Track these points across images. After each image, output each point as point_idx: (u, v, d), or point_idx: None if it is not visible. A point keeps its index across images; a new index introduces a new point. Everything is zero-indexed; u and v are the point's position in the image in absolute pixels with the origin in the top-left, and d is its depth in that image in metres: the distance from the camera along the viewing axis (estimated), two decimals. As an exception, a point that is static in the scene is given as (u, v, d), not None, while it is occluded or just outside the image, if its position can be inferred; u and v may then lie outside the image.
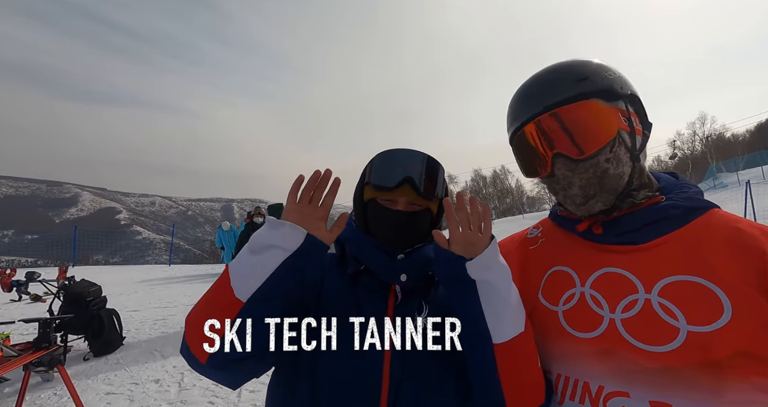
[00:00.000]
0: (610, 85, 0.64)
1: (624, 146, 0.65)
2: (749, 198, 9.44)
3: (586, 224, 0.70)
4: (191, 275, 10.11)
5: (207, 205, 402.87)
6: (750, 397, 0.50)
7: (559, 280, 0.71)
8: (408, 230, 0.79)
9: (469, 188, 57.08)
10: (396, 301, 0.78)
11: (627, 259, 0.64)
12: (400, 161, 0.78)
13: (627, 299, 0.61)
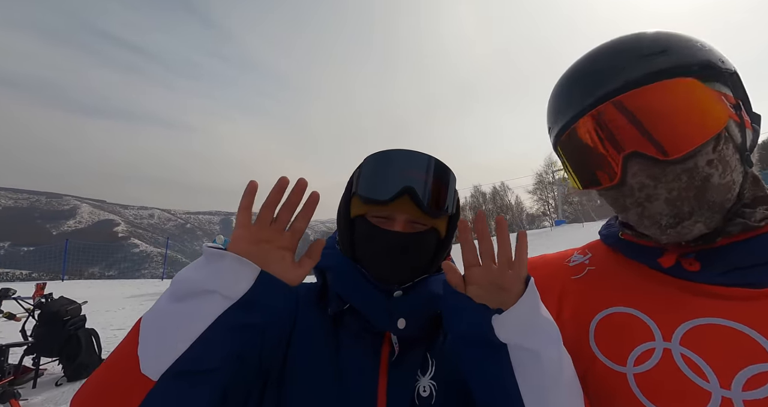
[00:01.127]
0: (706, 59, 0.46)
1: (732, 144, 0.46)
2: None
3: (673, 258, 0.50)
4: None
5: (206, 218, 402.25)
6: None
7: (626, 327, 0.51)
8: (407, 257, 0.59)
9: (469, 204, 56.97)
10: (392, 355, 0.57)
11: (742, 308, 0.44)
12: (397, 165, 0.59)
13: (750, 371, 0.41)
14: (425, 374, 0.58)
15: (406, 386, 0.56)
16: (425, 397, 0.56)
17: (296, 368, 0.56)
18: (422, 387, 0.56)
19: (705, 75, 0.46)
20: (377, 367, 0.56)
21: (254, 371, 0.51)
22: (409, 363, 0.58)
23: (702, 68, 0.46)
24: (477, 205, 57.30)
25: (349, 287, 0.59)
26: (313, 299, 0.64)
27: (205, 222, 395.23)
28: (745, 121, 0.48)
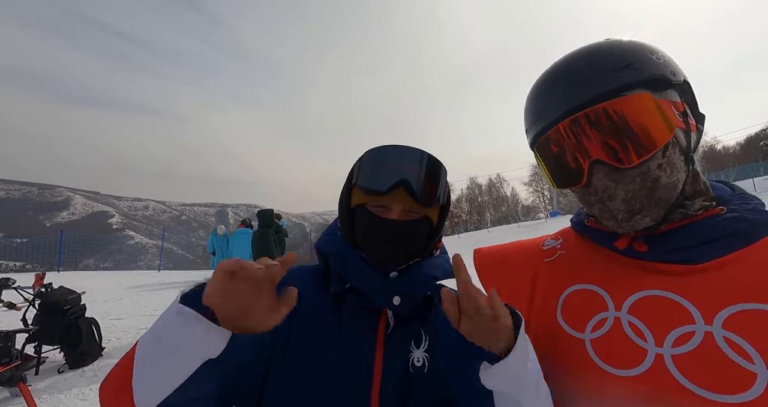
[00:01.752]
0: (660, 73, 0.52)
1: (678, 147, 0.53)
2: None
3: (626, 241, 0.57)
4: (181, 282, 9.85)
5: (201, 210, 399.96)
6: None
7: (586, 301, 0.58)
8: (403, 242, 0.66)
9: (465, 195, 57.17)
10: (387, 328, 0.65)
11: (679, 282, 0.52)
12: (394, 159, 0.65)
13: (679, 331, 0.49)
14: (419, 347, 0.66)
15: (400, 356, 0.64)
16: (419, 366, 0.64)
17: (301, 342, 0.63)
18: (416, 358, 0.65)
19: (658, 87, 0.52)
20: (374, 339, 0.64)
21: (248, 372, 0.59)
22: (402, 336, 0.66)
23: (656, 81, 0.52)
24: (473, 196, 57.53)
25: (351, 269, 0.66)
26: (317, 279, 0.71)
27: (201, 214, 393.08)
28: (691, 125, 0.54)
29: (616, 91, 0.52)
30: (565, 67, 0.57)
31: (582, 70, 0.55)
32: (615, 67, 0.52)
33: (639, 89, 0.52)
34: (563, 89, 0.56)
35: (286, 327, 0.63)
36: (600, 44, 0.57)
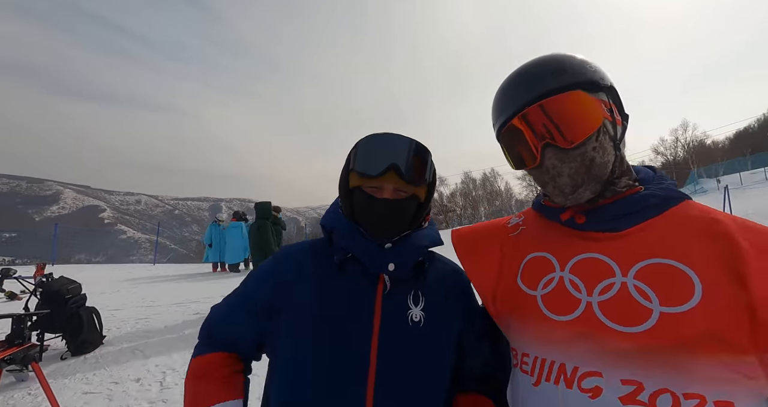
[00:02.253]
0: (592, 77, 0.66)
1: (608, 135, 0.66)
2: (728, 203, 9.76)
3: (569, 214, 0.71)
4: (177, 275, 9.91)
5: (194, 204, 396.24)
6: (720, 375, 0.52)
7: (539, 265, 0.71)
8: (395, 218, 0.77)
9: (459, 190, 57.48)
10: (385, 289, 0.77)
11: (606, 245, 0.65)
12: (385, 147, 0.76)
13: (604, 283, 0.62)
14: (417, 305, 0.78)
15: (397, 313, 0.76)
16: (416, 321, 0.77)
17: (306, 309, 0.75)
18: (414, 314, 0.77)
19: (591, 88, 0.65)
20: (373, 300, 0.76)
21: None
22: (398, 296, 0.78)
23: (590, 84, 0.65)
24: (467, 191, 57.83)
25: (352, 241, 0.77)
26: (319, 251, 0.84)
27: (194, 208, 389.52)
28: (617, 120, 0.68)
29: (559, 89, 0.65)
30: (521, 73, 0.70)
31: (534, 74, 0.68)
32: (558, 71, 0.66)
33: (576, 88, 0.65)
34: (519, 89, 0.69)
35: (289, 302, 0.77)
36: (548, 55, 0.70)
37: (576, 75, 0.65)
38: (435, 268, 0.87)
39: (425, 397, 0.75)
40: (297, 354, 0.73)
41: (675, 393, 0.52)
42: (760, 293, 0.51)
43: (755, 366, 0.51)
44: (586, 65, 0.66)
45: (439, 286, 0.83)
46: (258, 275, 0.85)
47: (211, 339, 0.84)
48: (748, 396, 0.52)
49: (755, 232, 0.58)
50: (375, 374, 0.71)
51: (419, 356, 0.75)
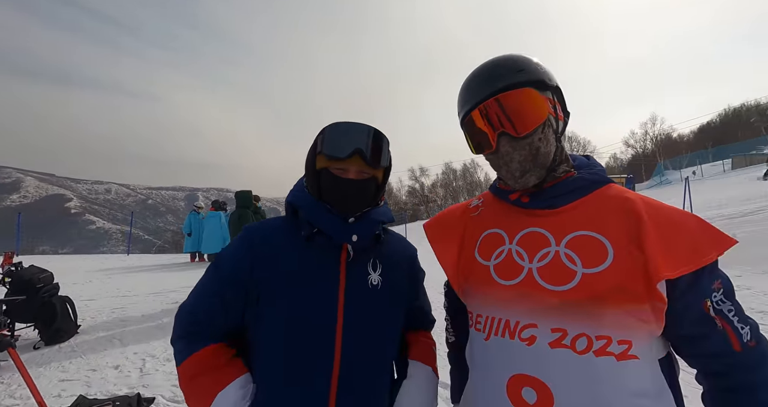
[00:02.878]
0: (542, 77, 0.76)
1: (551, 129, 0.77)
2: (688, 193, 10.41)
3: (517, 195, 0.82)
4: (153, 265, 9.70)
5: (169, 194, 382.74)
6: (623, 321, 0.64)
7: (492, 240, 0.82)
8: (358, 196, 0.87)
9: (440, 181, 58.10)
10: (348, 258, 0.88)
11: (545, 220, 0.77)
12: (350, 133, 0.85)
13: (542, 252, 0.74)
14: (375, 271, 0.90)
15: (359, 278, 0.88)
16: (375, 284, 0.89)
17: (281, 277, 0.84)
18: (372, 279, 0.89)
19: (540, 87, 0.75)
20: (338, 267, 0.87)
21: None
22: (359, 263, 0.89)
23: (539, 82, 0.75)
24: (448, 181, 58.54)
25: (319, 217, 0.86)
26: (287, 227, 0.91)
27: (169, 198, 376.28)
28: (559, 115, 0.78)
29: (514, 85, 0.74)
30: (483, 69, 0.80)
31: (493, 71, 0.78)
32: (514, 70, 0.76)
33: (528, 86, 0.75)
34: (481, 83, 0.78)
35: (263, 275, 0.84)
36: (507, 56, 0.80)
37: (529, 74, 0.75)
38: (388, 240, 0.99)
39: (382, 344, 0.89)
40: (277, 317, 0.82)
41: (589, 336, 0.65)
42: (653, 256, 0.64)
43: (648, 312, 0.64)
44: (538, 67, 0.77)
45: (392, 255, 0.97)
46: (230, 255, 0.88)
47: (193, 335, 0.84)
48: (642, 336, 0.65)
49: (655, 208, 0.71)
50: (342, 328, 0.83)
51: (377, 313, 0.88)
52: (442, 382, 3.08)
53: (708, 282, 0.66)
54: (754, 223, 7.21)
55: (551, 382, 0.66)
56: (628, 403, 0.64)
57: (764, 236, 6.24)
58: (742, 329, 0.65)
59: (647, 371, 0.66)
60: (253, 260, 0.85)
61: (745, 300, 3.97)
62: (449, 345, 1.07)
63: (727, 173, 24.73)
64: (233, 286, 0.85)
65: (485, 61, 0.81)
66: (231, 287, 0.85)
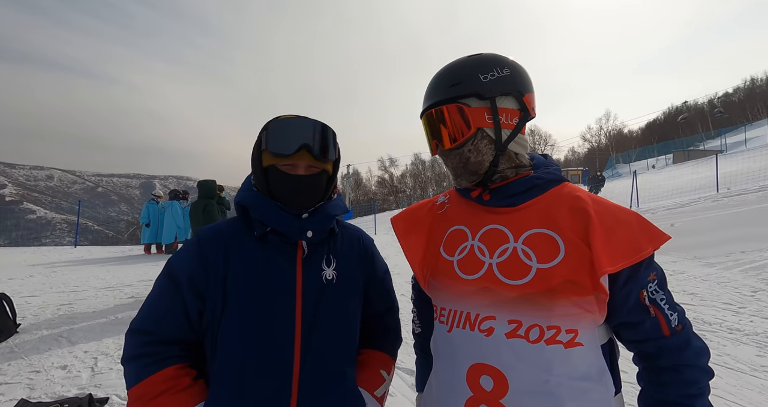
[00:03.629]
0: (477, 91, 0.77)
1: (486, 139, 0.80)
2: (635, 185, 11.28)
3: (477, 192, 0.85)
4: (104, 258, 9.06)
5: (122, 181, 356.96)
6: (571, 311, 0.69)
7: (457, 236, 0.85)
8: (309, 191, 0.87)
9: (410, 171, 58.62)
10: (304, 254, 0.87)
11: (505, 218, 0.80)
12: (295, 128, 0.84)
13: (501, 248, 0.77)
14: (329, 266, 0.90)
15: (314, 273, 0.87)
16: (330, 279, 0.89)
17: (238, 281, 0.82)
18: (327, 274, 0.89)
19: (478, 98, 0.78)
20: (294, 264, 0.86)
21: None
22: (314, 259, 0.88)
23: (477, 95, 0.77)
24: (417, 172, 59.21)
25: (271, 215, 0.84)
26: (238, 228, 0.88)
27: (122, 186, 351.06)
28: (503, 124, 0.79)
29: (447, 101, 0.79)
30: (433, 80, 0.84)
31: (436, 83, 0.82)
32: (448, 85, 0.79)
33: (461, 100, 0.78)
34: (426, 94, 0.84)
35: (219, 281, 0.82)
36: (458, 61, 0.83)
37: (465, 87, 0.78)
38: (342, 234, 0.98)
39: (342, 340, 0.90)
40: (234, 323, 0.80)
41: (542, 326, 0.70)
42: (597, 252, 0.69)
43: (593, 303, 0.69)
44: (481, 75, 0.78)
45: (346, 248, 0.97)
46: (183, 263, 0.83)
47: (148, 355, 0.78)
48: (587, 325, 0.71)
49: (602, 206, 0.76)
50: (300, 329, 0.83)
51: (334, 307, 0.88)
52: (407, 369, 3.16)
53: (645, 274, 0.72)
54: (688, 214, 7.96)
55: (507, 370, 0.71)
56: (573, 386, 0.69)
57: (696, 226, 6.92)
58: (671, 315, 0.72)
59: (591, 356, 0.71)
60: (208, 266, 0.82)
61: (680, 283, 4.41)
62: (415, 335, 1.10)
63: (669, 167, 26.99)
64: (190, 295, 0.81)
65: (440, 68, 0.85)
66: (188, 297, 0.81)
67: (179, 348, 0.81)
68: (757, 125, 38.61)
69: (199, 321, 0.82)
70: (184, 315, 0.81)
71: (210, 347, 0.82)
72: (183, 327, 0.81)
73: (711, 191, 9.86)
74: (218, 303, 0.81)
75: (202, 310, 0.82)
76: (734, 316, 3.42)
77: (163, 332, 0.80)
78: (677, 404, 0.70)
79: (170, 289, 0.82)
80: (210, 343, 0.82)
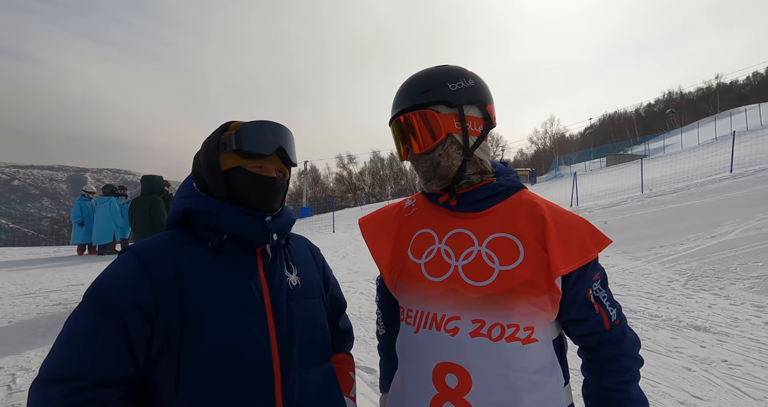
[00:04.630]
0: (446, 99, 0.81)
1: (455, 144, 0.83)
2: (575, 185, 12.31)
3: (445, 197, 0.88)
4: (24, 260, 8.00)
5: (46, 174, 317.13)
6: (528, 310, 0.75)
7: (424, 239, 0.87)
8: (279, 195, 0.87)
9: (368, 169, 58.67)
10: (266, 260, 0.84)
11: (470, 222, 0.84)
12: (271, 131, 0.84)
13: (466, 251, 0.80)
14: (292, 273, 0.88)
15: (280, 280, 0.84)
16: (295, 285, 0.86)
17: (194, 301, 0.72)
18: (292, 280, 0.86)
19: (450, 104, 0.81)
20: (257, 271, 0.81)
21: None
22: (276, 266, 0.86)
23: (446, 102, 0.81)
24: (375, 170, 59.44)
25: (231, 221, 0.78)
26: (185, 239, 0.79)
27: (44, 179, 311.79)
28: (470, 131, 0.83)
29: (419, 106, 0.82)
30: (403, 87, 0.86)
31: (407, 90, 0.85)
32: (419, 92, 0.82)
33: (431, 107, 0.81)
34: (396, 100, 0.86)
35: (174, 301, 0.71)
36: (427, 70, 0.86)
37: (434, 95, 0.82)
38: (294, 241, 0.98)
39: (320, 348, 0.88)
40: (206, 340, 0.71)
41: (503, 324, 0.74)
42: (553, 255, 0.75)
43: (547, 302, 0.76)
44: (450, 84, 0.82)
45: (301, 256, 0.96)
46: (120, 286, 0.70)
47: (85, 403, 0.62)
48: (541, 322, 0.77)
49: (557, 213, 0.82)
50: (276, 338, 0.78)
51: (306, 315, 0.85)
52: (366, 367, 3.18)
53: (591, 274, 0.80)
54: (619, 212, 8.86)
55: (470, 367, 0.74)
56: (530, 380, 0.75)
57: (625, 223, 7.73)
58: (611, 311, 0.80)
59: (544, 351, 0.78)
60: (156, 286, 0.70)
61: (611, 276, 4.90)
62: (379, 337, 1.12)
63: (603, 169, 29.81)
64: (135, 322, 0.68)
65: (410, 76, 0.87)
66: (132, 325, 0.67)
67: (119, 389, 0.67)
68: (674, 133, 43.99)
69: (147, 351, 0.69)
70: (126, 348, 0.67)
71: (166, 378, 0.70)
72: (124, 362, 0.67)
73: (637, 192, 11.03)
74: (174, 328, 0.70)
75: (150, 336, 0.69)
76: (654, 304, 3.87)
77: (97, 373, 0.64)
78: (615, 390, 0.78)
79: (103, 319, 0.67)
80: (165, 374, 0.70)
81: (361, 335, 3.57)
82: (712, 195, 8.29)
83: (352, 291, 5.13)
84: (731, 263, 4.59)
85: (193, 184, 0.85)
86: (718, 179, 9.75)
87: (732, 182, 9.05)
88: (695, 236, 5.83)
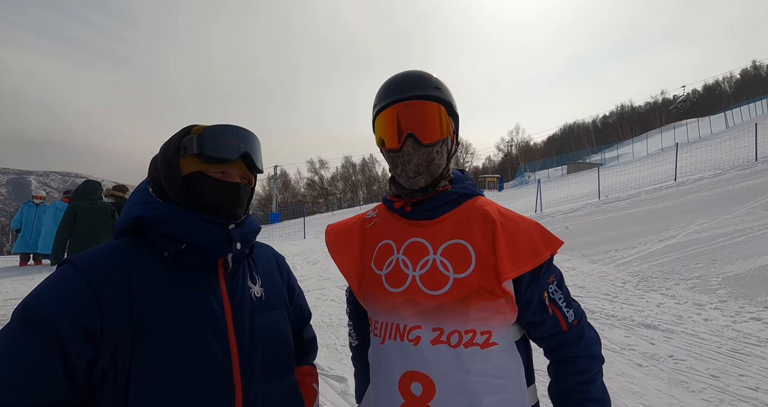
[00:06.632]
0: (452, 102, 0.87)
1: (446, 147, 0.87)
2: (539, 192, 12.90)
3: (401, 203, 0.89)
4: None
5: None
6: (483, 314, 0.78)
7: (385, 251, 0.88)
8: (243, 201, 0.83)
9: (340, 174, 58.33)
10: (227, 270, 0.80)
11: (425, 231, 0.85)
12: (236, 135, 0.80)
13: (423, 260, 0.82)
14: (255, 284, 0.84)
15: (242, 292, 0.80)
16: (259, 296, 0.83)
17: (148, 318, 0.67)
18: (255, 292, 0.83)
19: (448, 110, 0.85)
20: (217, 283, 0.77)
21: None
22: (238, 277, 0.81)
23: (448, 105, 0.85)
24: (347, 175, 59.20)
25: (192, 229, 0.74)
26: (136, 250, 0.74)
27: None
28: (453, 140, 0.89)
29: (434, 98, 0.83)
30: (410, 74, 0.87)
31: (421, 79, 0.85)
32: (433, 86, 0.84)
33: (442, 104, 0.84)
34: (406, 84, 0.84)
35: (123, 318, 0.66)
36: (429, 73, 0.88)
37: (445, 95, 0.85)
38: (258, 250, 0.94)
39: (284, 364, 0.85)
40: (161, 359, 0.67)
41: (460, 331, 0.77)
42: (501, 260, 0.77)
43: (503, 305, 0.78)
44: (450, 92, 0.88)
45: (266, 265, 0.92)
46: (59, 303, 0.63)
47: None
48: (499, 325, 0.80)
49: (507, 218, 0.85)
50: (238, 353, 0.74)
51: (269, 328, 0.82)
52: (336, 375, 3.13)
53: (545, 277, 0.82)
54: (578, 217, 9.38)
55: (433, 374, 0.76)
56: (489, 383, 0.77)
57: (584, 228, 8.19)
58: (568, 312, 0.83)
59: (506, 354, 0.80)
60: (103, 302, 0.65)
61: (571, 278, 5.15)
62: (353, 348, 1.11)
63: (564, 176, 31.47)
64: (76, 342, 0.62)
65: (412, 70, 0.88)
66: (73, 346, 0.62)
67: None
68: (626, 143, 47.37)
69: (89, 373, 0.64)
70: (63, 371, 0.61)
71: (112, 403, 0.65)
72: (59, 387, 0.61)
73: (594, 199, 11.74)
74: (123, 348, 0.65)
75: (94, 357, 0.64)
76: (610, 304, 4.12)
77: (30, 399, 0.59)
78: (574, 392, 0.81)
79: (35, 339, 0.61)
80: (111, 398, 0.65)
81: (332, 343, 3.52)
82: (659, 202, 9.00)
83: (323, 299, 5.06)
84: (676, 265, 4.99)
85: (148, 189, 0.80)
86: (665, 187, 10.61)
87: (676, 190, 9.87)
88: (645, 240, 6.28)
